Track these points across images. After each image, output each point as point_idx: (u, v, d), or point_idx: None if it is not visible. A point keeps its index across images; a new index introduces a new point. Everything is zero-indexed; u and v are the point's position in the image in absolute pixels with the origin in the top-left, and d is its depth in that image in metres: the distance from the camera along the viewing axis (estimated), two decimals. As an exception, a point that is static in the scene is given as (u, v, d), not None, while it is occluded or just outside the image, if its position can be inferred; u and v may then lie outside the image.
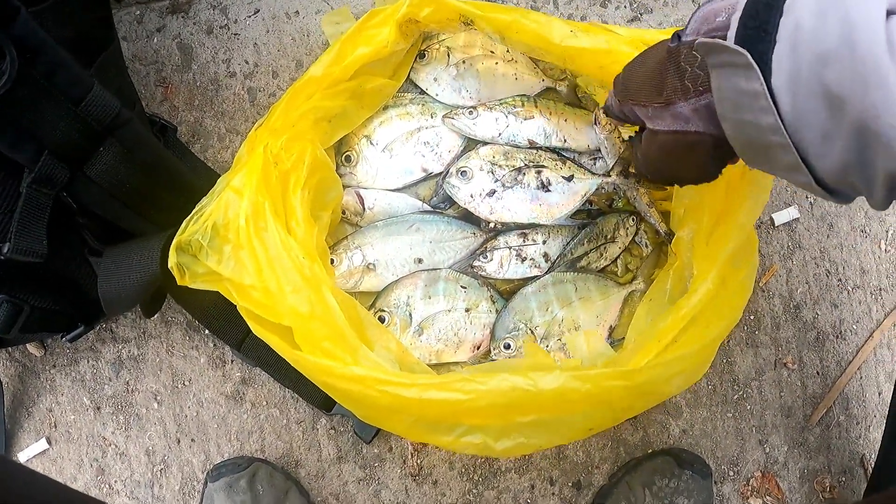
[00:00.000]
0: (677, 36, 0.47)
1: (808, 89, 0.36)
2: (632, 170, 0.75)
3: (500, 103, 0.78)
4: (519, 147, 0.78)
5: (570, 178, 0.76)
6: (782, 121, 0.38)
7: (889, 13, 0.34)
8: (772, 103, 0.38)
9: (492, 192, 0.76)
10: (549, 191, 0.76)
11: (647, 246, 0.80)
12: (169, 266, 0.61)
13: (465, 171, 0.76)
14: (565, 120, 0.78)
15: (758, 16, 0.39)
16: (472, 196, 0.76)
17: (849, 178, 0.38)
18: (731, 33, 0.40)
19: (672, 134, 0.49)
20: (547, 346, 0.74)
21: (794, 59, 0.36)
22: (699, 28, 0.46)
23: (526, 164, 0.76)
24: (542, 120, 0.78)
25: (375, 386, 0.55)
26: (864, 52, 0.33)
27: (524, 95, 0.79)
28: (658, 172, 0.56)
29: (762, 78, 0.38)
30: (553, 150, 0.78)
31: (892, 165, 0.34)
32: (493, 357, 0.75)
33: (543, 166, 0.76)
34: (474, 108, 0.77)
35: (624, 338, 0.75)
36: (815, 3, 0.36)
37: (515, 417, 0.58)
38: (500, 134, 0.77)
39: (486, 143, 0.78)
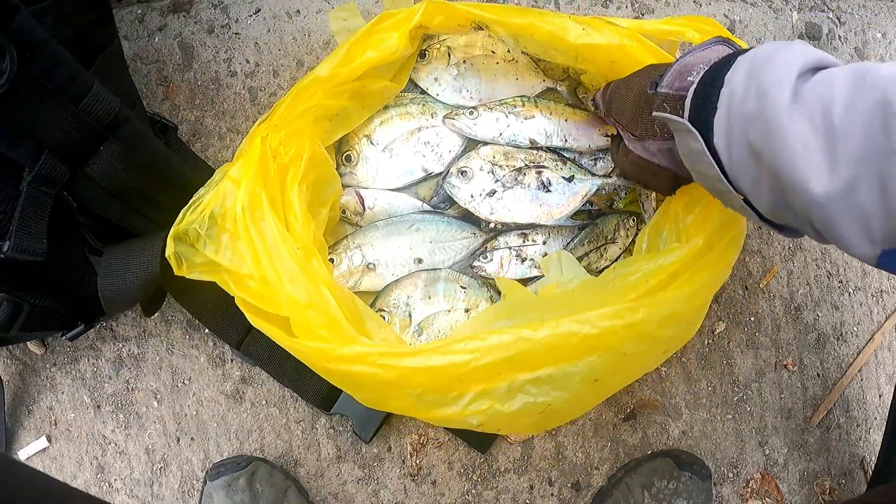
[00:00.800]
0: (655, 84, 0.55)
1: (738, 146, 0.45)
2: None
3: (501, 103, 0.77)
4: (520, 147, 0.78)
5: (570, 179, 0.75)
6: (723, 171, 0.47)
7: (814, 69, 0.42)
8: (712, 159, 0.47)
9: (492, 192, 0.76)
10: (549, 191, 0.76)
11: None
12: (166, 255, 0.61)
13: (465, 171, 0.76)
14: (566, 120, 0.78)
15: (706, 87, 0.48)
16: (472, 196, 0.76)
17: (782, 217, 0.46)
18: (688, 101, 0.49)
19: (641, 159, 0.60)
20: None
21: (728, 122, 0.45)
22: (673, 83, 0.53)
23: (526, 165, 0.76)
24: (543, 120, 0.77)
25: (377, 360, 0.55)
26: (769, 113, 0.41)
27: (524, 96, 0.79)
28: (627, 175, 0.70)
29: (702, 141, 0.47)
30: (553, 151, 0.78)
31: (800, 201, 0.41)
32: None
33: (544, 167, 0.76)
34: (475, 108, 0.77)
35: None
36: (743, 74, 0.45)
37: (520, 374, 0.57)
38: (500, 134, 0.77)
39: (486, 144, 0.78)
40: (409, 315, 0.75)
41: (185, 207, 0.61)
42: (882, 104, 0.37)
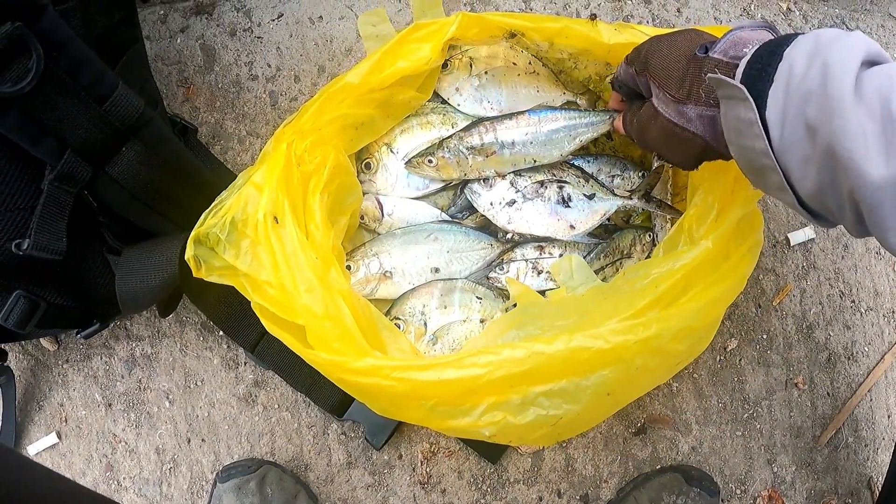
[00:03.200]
0: (705, 48, 0.53)
1: (793, 121, 0.44)
2: (654, 195, 0.76)
3: (459, 138, 0.75)
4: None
5: (591, 197, 0.76)
6: (771, 146, 0.46)
7: (871, 63, 0.43)
8: (763, 131, 0.45)
9: (511, 202, 0.76)
10: (569, 206, 0.76)
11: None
12: (185, 258, 0.61)
13: (487, 178, 0.76)
14: (529, 142, 0.76)
15: (762, 59, 0.47)
16: (491, 204, 0.76)
17: (825, 200, 0.45)
18: (740, 70, 0.48)
19: (672, 124, 0.56)
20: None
21: (786, 96, 0.44)
22: (727, 50, 0.52)
23: (549, 178, 0.76)
24: (506, 150, 0.76)
25: (391, 374, 0.55)
26: (833, 91, 0.41)
27: (481, 121, 0.76)
28: (645, 142, 0.63)
29: (756, 110, 0.45)
30: (577, 167, 0.78)
31: (852, 183, 0.41)
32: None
33: (566, 182, 0.76)
34: (432, 153, 0.75)
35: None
36: (806, 52, 0.44)
37: (533, 387, 0.58)
38: (465, 174, 0.77)
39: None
40: (425, 324, 0.75)
41: (207, 211, 0.61)
42: None
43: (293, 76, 0.85)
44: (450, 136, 0.76)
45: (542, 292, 0.77)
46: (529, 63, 0.80)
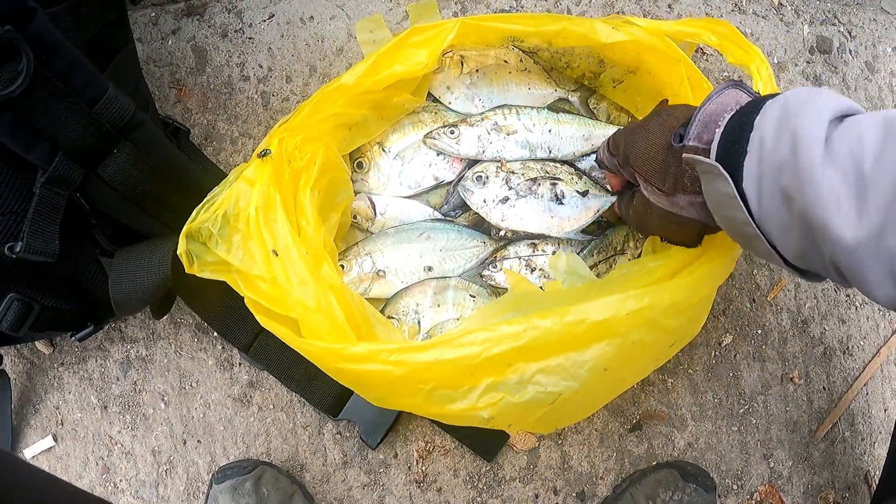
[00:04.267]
0: (679, 136, 0.54)
1: (769, 191, 0.45)
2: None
3: (482, 118, 0.77)
4: (527, 160, 0.78)
5: (584, 194, 0.76)
6: (752, 216, 0.47)
7: (843, 116, 0.43)
8: (742, 203, 0.47)
9: (505, 199, 0.76)
10: (562, 204, 0.76)
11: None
12: (177, 253, 0.61)
13: (480, 176, 0.76)
14: (549, 130, 0.78)
15: (734, 132, 0.49)
16: (484, 201, 0.76)
17: (808, 262, 0.46)
18: (714, 145, 0.50)
19: (668, 213, 0.58)
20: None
21: (759, 168, 0.46)
22: (700, 135, 0.53)
23: (542, 176, 0.76)
24: (525, 132, 0.77)
25: (388, 357, 0.55)
26: (804, 162, 0.42)
27: (507, 105, 0.78)
28: (645, 229, 0.66)
29: (733, 184, 0.47)
30: (570, 164, 0.79)
31: (830, 249, 0.42)
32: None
33: (559, 179, 0.76)
34: (455, 125, 0.76)
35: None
36: (775, 121, 0.45)
37: (530, 364, 0.57)
38: (483, 151, 0.77)
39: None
40: (419, 322, 0.75)
41: (199, 206, 0.61)
42: None
43: (285, 76, 0.85)
44: (473, 115, 0.78)
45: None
46: (521, 61, 0.80)
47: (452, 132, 0.76)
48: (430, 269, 0.77)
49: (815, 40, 0.93)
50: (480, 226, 0.79)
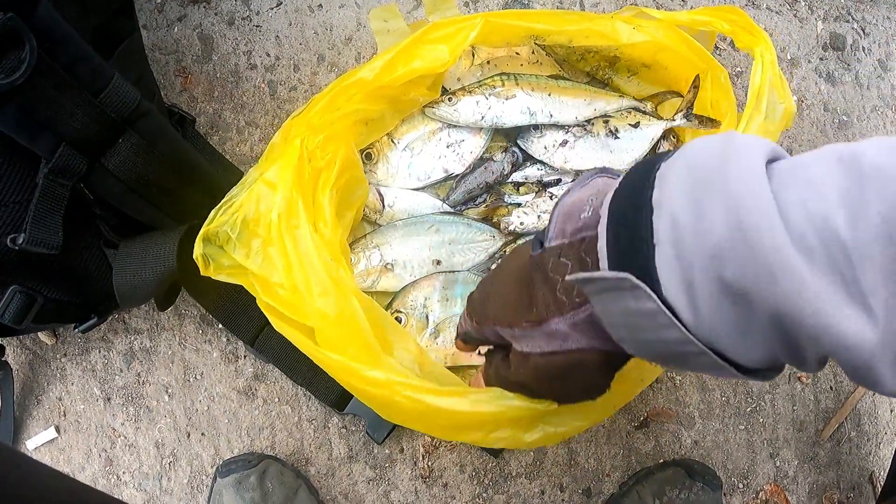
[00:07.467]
0: (539, 242, 0.42)
1: (706, 292, 0.31)
2: (695, 112, 0.76)
3: (480, 84, 0.77)
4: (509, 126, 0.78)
5: (636, 125, 0.78)
6: (689, 330, 0.32)
7: (768, 160, 0.31)
8: (673, 318, 0.32)
9: (564, 143, 0.78)
10: (618, 138, 0.78)
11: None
12: (194, 256, 0.60)
13: (538, 126, 0.78)
14: (549, 94, 0.77)
15: (626, 218, 0.34)
16: (545, 148, 0.78)
17: (776, 362, 0.34)
18: (602, 245, 0.34)
19: (548, 356, 0.42)
20: None
21: (681, 262, 0.31)
22: (563, 228, 0.40)
23: (594, 116, 0.78)
24: (525, 97, 0.77)
25: (402, 391, 0.54)
26: (762, 239, 0.28)
27: (504, 73, 0.78)
28: (532, 394, 0.49)
29: (654, 294, 0.32)
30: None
31: (824, 349, 0.30)
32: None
33: (610, 116, 0.79)
34: (453, 94, 0.76)
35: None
36: (684, 193, 0.31)
37: (543, 411, 0.56)
38: (482, 117, 0.76)
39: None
40: (426, 317, 0.74)
41: (217, 208, 0.59)
42: None
43: (292, 65, 0.83)
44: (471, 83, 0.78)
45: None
46: (532, 52, 0.79)
47: (450, 99, 0.75)
48: (438, 262, 0.76)
49: (829, 37, 0.92)
50: (489, 220, 0.78)
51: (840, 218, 0.28)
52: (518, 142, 0.79)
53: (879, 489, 0.83)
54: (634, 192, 0.34)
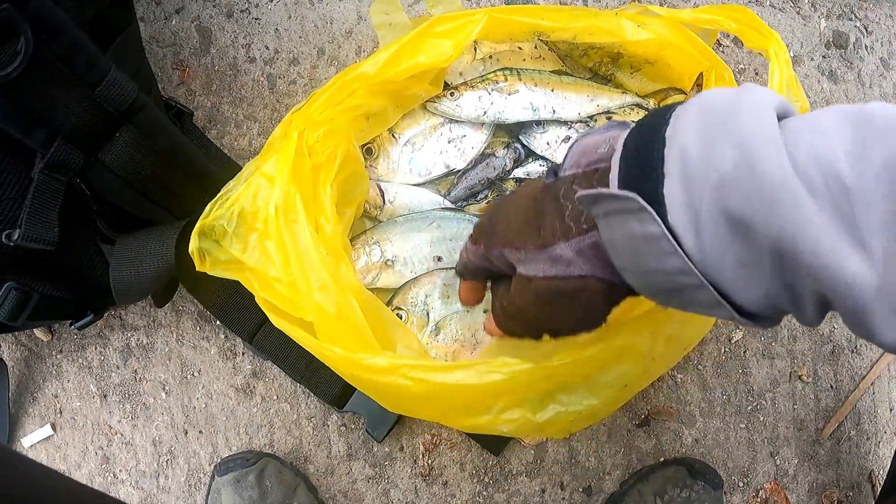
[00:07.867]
0: (553, 172, 0.43)
1: (710, 221, 0.32)
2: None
3: (483, 79, 0.76)
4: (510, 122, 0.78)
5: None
6: (690, 259, 0.33)
7: (780, 117, 0.32)
8: (675, 244, 0.33)
9: (567, 138, 0.77)
10: None
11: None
12: (189, 251, 0.59)
13: (541, 122, 0.77)
14: (552, 90, 0.77)
15: (640, 151, 0.35)
16: (548, 143, 0.77)
17: (775, 304, 0.34)
18: (614, 174, 0.36)
19: (550, 280, 0.42)
20: None
21: (688, 191, 0.32)
22: (579, 161, 0.41)
23: (597, 113, 0.78)
24: (528, 92, 0.76)
25: (408, 373, 0.53)
26: (768, 170, 0.29)
27: (507, 68, 0.77)
28: (528, 325, 0.47)
29: (658, 219, 0.33)
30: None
31: (821, 287, 0.30)
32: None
33: (613, 113, 0.78)
34: (455, 88, 0.75)
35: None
36: (696, 130, 0.33)
37: (553, 386, 0.56)
38: (485, 113, 0.76)
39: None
40: (427, 314, 0.74)
41: (213, 201, 0.58)
42: None
43: (292, 59, 0.82)
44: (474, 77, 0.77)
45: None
46: (535, 48, 0.78)
47: (453, 94, 0.75)
48: (439, 259, 0.76)
49: (832, 35, 0.92)
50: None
51: (844, 163, 0.29)
52: (520, 137, 0.78)
53: (879, 488, 0.83)
54: (650, 129, 0.36)
